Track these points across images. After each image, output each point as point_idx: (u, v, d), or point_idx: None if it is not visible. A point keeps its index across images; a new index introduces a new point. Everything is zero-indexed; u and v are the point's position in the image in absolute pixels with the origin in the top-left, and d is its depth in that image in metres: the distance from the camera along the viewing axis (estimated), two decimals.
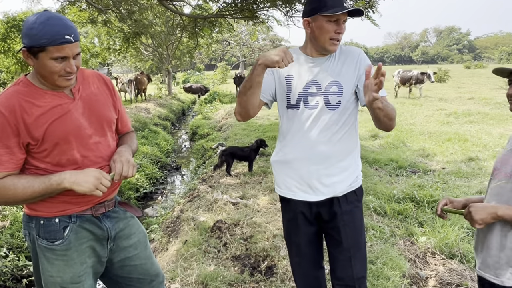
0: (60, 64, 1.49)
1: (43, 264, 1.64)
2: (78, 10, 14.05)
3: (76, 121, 1.61)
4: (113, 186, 1.78)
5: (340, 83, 1.81)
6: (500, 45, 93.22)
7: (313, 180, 1.85)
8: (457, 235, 3.50)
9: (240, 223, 3.80)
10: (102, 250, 1.76)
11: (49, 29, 1.43)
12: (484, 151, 6.75)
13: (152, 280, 1.93)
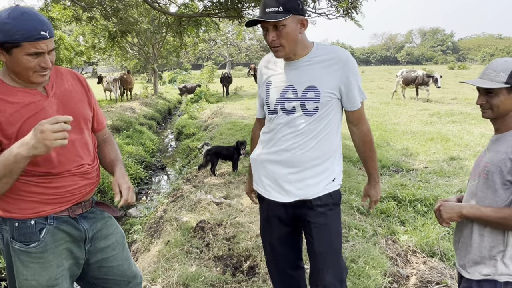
0: (35, 60, 1.45)
1: (17, 267, 1.59)
2: (62, 8, 13.85)
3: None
4: (91, 186, 1.75)
5: (318, 89, 1.76)
6: (483, 47, 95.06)
7: (285, 183, 1.85)
8: (438, 234, 3.55)
9: (223, 223, 3.79)
10: (79, 252, 1.72)
11: (24, 24, 1.40)
12: (465, 151, 6.87)
13: (129, 281, 1.90)
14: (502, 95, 1.50)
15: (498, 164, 1.49)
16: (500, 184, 1.49)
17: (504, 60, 1.52)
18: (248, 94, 19.53)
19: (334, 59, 1.78)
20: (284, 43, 1.70)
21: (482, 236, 1.55)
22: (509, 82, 1.47)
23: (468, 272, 1.60)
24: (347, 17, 5.18)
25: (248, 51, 50.48)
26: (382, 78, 31.12)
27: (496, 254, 1.52)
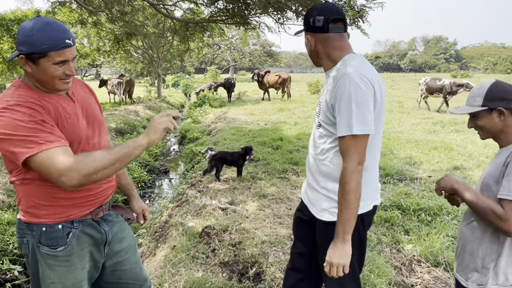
0: (60, 68, 1.50)
1: (44, 271, 1.62)
2: (68, 11, 13.96)
3: (81, 122, 1.63)
4: (111, 188, 1.79)
5: (321, 104, 1.81)
6: (486, 55, 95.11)
7: (307, 188, 1.98)
8: (442, 243, 3.56)
9: (228, 229, 3.81)
10: (98, 255, 1.76)
11: (50, 34, 1.44)
12: (469, 160, 6.88)
13: (141, 285, 1.94)
14: (484, 116, 1.64)
15: (495, 173, 1.60)
16: (497, 191, 1.57)
17: (479, 86, 1.67)
18: (252, 99, 19.58)
19: (336, 77, 1.70)
20: (309, 54, 1.87)
21: (477, 245, 1.64)
22: (485, 104, 1.61)
23: (465, 280, 1.70)
24: (354, 25, 5.24)
25: (251, 56, 50.68)
26: (385, 85, 31.12)
27: (488, 263, 1.61)
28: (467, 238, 1.70)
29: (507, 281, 1.59)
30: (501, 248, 1.58)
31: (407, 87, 28.95)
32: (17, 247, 4.45)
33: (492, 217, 1.52)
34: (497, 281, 1.59)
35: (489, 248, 1.61)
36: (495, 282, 1.60)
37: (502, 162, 1.58)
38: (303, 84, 27.67)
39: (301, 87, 26.50)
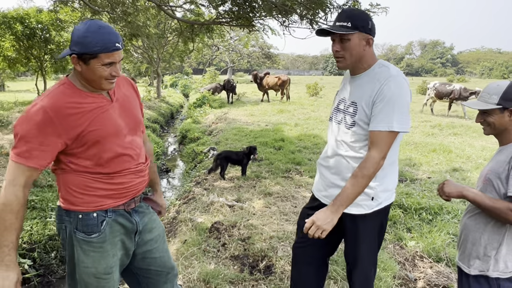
0: (108, 69, 1.61)
1: (79, 256, 1.74)
2: (71, 10, 14.03)
3: (114, 121, 1.73)
4: (143, 183, 1.91)
5: (357, 105, 1.88)
6: (482, 60, 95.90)
7: (330, 187, 2.02)
8: (443, 241, 3.70)
9: (237, 225, 3.93)
10: (130, 243, 1.87)
11: (102, 37, 1.55)
12: (467, 162, 7.04)
13: (168, 272, 2.04)
14: (496, 114, 1.76)
15: (498, 170, 1.72)
16: (501, 187, 1.71)
17: (497, 84, 1.78)
18: (251, 100, 19.70)
19: (379, 77, 1.83)
20: (346, 55, 1.86)
21: (480, 236, 1.77)
22: (500, 103, 1.72)
23: (467, 268, 1.83)
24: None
25: (250, 58, 50.82)
26: None
27: (490, 251, 1.74)
28: (470, 229, 1.83)
29: (506, 268, 1.73)
30: (502, 238, 1.72)
31: None
32: (27, 241, 4.55)
33: (510, 215, 1.62)
34: (498, 268, 1.74)
35: (491, 237, 1.74)
36: (495, 269, 1.74)
37: (506, 160, 1.70)
38: (301, 86, 27.85)
39: (299, 89, 26.67)
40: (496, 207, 1.66)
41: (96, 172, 1.71)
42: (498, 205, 1.66)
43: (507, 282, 1.75)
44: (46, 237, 4.68)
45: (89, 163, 1.69)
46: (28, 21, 14.43)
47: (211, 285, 2.89)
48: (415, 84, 33.49)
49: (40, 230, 4.72)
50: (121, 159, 1.75)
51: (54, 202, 5.51)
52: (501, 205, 1.66)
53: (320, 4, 5.32)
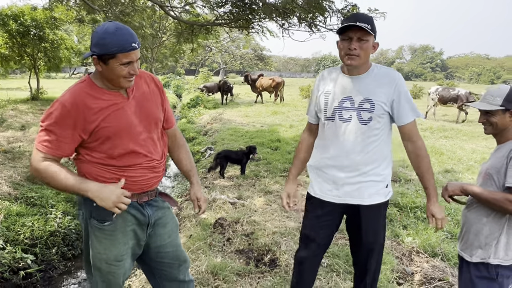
0: (126, 68, 1.70)
1: (92, 242, 1.86)
2: (66, 8, 14.00)
3: (128, 118, 1.81)
4: (157, 178, 1.99)
5: (373, 101, 2.02)
6: (471, 66, 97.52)
7: (345, 186, 2.11)
8: (438, 237, 3.86)
9: (240, 221, 4.05)
10: (142, 234, 1.97)
11: (119, 38, 1.65)
12: (459, 164, 7.26)
13: (180, 264, 2.14)
14: (498, 115, 1.92)
15: (497, 165, 1.89)
16: (501, 179, 1.86)
17: (499, 87, 1.95)
18: (244, 101, 19.82)
19: (388, 78, 2.06)
20: (362, 54, 1.99)
21: (482, 226, 1.93)
22: (503, 104, 1.89)
23: (469, 256, 1.98)
24: None
25: (242, 59, 50.95)
26: None
27: (491, 241, 1.90)
28: (472, 221, 1.99)
29: (506, 256, 1.89)
30: (502, 228, 1.88)
31: None
32: (28, 237, 4.60)
33: (507, 205, 1.78)
34: (498, 256, 1.89)
35: (492, 228, 1.90)
36: (496, 256, 1.90)
37: (504, 155, 1.86)
38: (294, 88, 28.03)
39: (291, 91, 26.86)
40: (495, 198, 1.82)
41: (108, 164, 1.81)
42: (496, 196, 1.82)
43: (506, 270, 1.90)
44: (47, 233, 4.73)
45: (102, 155, 1.80)
46: (23, 18, 14.35)
47: (219, 276, 3.01)
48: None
49: (42, 226, 4.78)
50: (132, 155, 1.84)
51: (54, 199, 5.57)
52: (499, 196, 1.81)
53: (319, 8, 5.48)
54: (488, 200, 1.85)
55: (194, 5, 7.62)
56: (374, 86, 2.05)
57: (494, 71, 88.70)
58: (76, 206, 5.59)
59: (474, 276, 1.95)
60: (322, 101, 2.17)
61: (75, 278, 4.32)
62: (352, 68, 2.07)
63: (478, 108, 1.96)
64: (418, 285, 3.15)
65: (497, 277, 1.90)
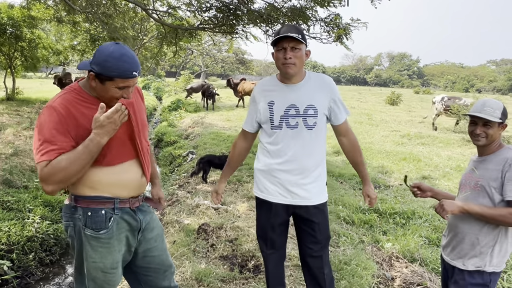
0: (120, 91, 1.73)
1: (87, 251, 1.84)
2: (44, 7, 13.71)
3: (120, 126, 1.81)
4: (146, 182, 2.03)
5: (316, 107, 2.19)
6: (446, 74, 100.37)
7: (294, 188, 2.25)
8: (416, 243, 3.98)
9: (223, 227, 4.06)
10: (133, 240, 1.98)
11: (122, 65, 1.66)
12: (435, 171, 7.47)
13: (165, 270, 2.15)
14: (495, 127, 1.98)
15: (490, 178, 1.95)
16: (495, 192, 1.93)
17: (495, 101, 2.03)
18: (226, 105, 19.81)
19: (324, 83, 2.25)
20: (297, 62, 2.12)
21: (477, 236, 1.99)
22: (500, 118, 1.96)
23: (464, 265, 2.04)
24: (339, 42, 5.67)
25: (224, 63, 50.92)
26: (353, 98, 32.31)
27: (486, 250, 1.97)
28: (466, 231, 2.03)
29: (499, 263, 1.98)
30: (497, 237, 1.96)
31: (374, 100, 30.19)
32: (5, 243, 4.49)
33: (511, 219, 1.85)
34: (492, 264, 1.98)
35: (488, 237, 1.97)
36: (491, 264, 1.98)
37: (498, 169, 1.91)
38: None
39: None
40: (501, 214, 1.87)
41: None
42: (502, 213, 1.87)
43: (497, 276, 2.00)
44: (24, 238, 4.62)
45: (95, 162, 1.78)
46: None
47: (203, 283, 3.01)
48: (384, 94, 34.68)
49: (18, 231, 4.67)
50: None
51: (31, 203, 5.44)
52: (505, 212, 1.87)
53: (303, 16, 5.57)
54: (494, 218, 1.89)
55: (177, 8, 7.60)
56: (313, 93, 2.21)
57: (468, 79, 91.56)
58: (54, 211, 5.50)
59: (468, 284, 2.01)
60: (266, 112, 2.26)
61: (53, 285, 4.24)
62: (289, 76, 2.19)
63: (483, 117, 1.95)
64: None
65: (490, 283, 1.99)
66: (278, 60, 2.15)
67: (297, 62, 2.12)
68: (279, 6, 6.07)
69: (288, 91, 2.21)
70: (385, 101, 26.79)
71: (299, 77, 2.22)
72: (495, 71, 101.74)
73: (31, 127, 10.24)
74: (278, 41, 2.12)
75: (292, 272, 3.28)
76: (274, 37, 2.15)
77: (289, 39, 2.08)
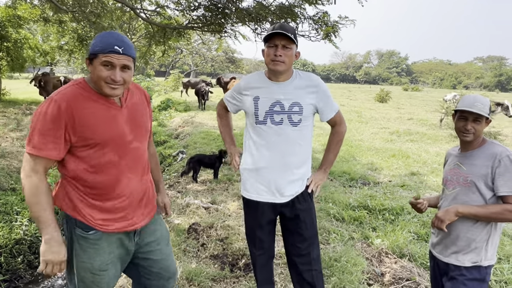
0: (107, 71, 1.68)
1: (76, 251, 1.83)
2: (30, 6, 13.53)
3: (120, 127, 1.80)
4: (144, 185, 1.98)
5: (301, 104, 2.21)
6: (434, 71, 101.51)
7: (279, 186, 2.26)
8: (405, 238, 4.02)
9: (214, 226, 4.05)
10: (128, 242, 1.93)
11: (103, 40, 1.68)
12: (424, 167, 7.56)
13: (169, 277, 2.10)
14: (483, 123, 2.01)
15: (480, 173, 1.97)
16: (485, 188, 1.96)
17: (483, 97, 2.05)
18: (216, 104, 19.71)
19: (311, 82, 2.26)
20: (286, 61, 2.13)
21: (472, 232, 2.01)
22: (488, 113, 1.99)
23: (458, 260, 2.05)
24: (327, 39, 5.69)
25: (213, 62, 50.77)
26: (342, 95, 32.50)
27: (481, 245, 2.00)
28: (459, 228, 2.04)
29: (492, 256, 2.02)
30: (490, 232, 2.00)
31: (363, 98, 30.40)
32: None
33: (508, 215, 1.88)
34: (487, 257, 2.01)
35: (481, 233, 2.00)
36: (486, 258, 2.01)
37: (488, 164, 1.94)
38: None
39: None
40: (495, 212, 1.90)
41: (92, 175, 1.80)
42: (495, 210, 1.91)
43: (491, 269, 2.04)
44: (12, 241, 4.57)
45: (87, 166, 1.76)
46: None
47: (194, 282, 3.01)
48: (373, 92, 34.91)
49: (6, 234, 4.62)
50: (119, 164, 1.83)
51: (19, 205, 5.37)
52: (499, 209, 1.90)
53: (292, 14, 5.57)
54: (488, 216, 1.93)
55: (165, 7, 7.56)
56: (300, 91, 2.23)
57: (455, 76, 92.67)
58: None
59: (466, 279, 2.02)
60: (251, 106, 2.27)
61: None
62: (277, 73, 2.20)
63: (477, 112, 1.96)
64: (387, 285, 3.27)
65: (486, 276, 2.02)
66: (268, 56, 2.15)
67: (287, 60, 2.13)
68: (267, 4, 6.07)
69: (274, 88, 2.22)
70: (375, 99, 26.99)
71: (286, 75, 2.23)
72: (482, 68, 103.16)
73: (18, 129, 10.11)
74: (270, 38, 2.13)
75: (282, 270, 3.30)
76: (267, 33, 2.15)
77: (282, 37, 2.09)
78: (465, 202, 2.02)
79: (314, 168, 2.39)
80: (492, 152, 1.96)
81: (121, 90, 1.77)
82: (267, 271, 2.53)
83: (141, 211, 1.94)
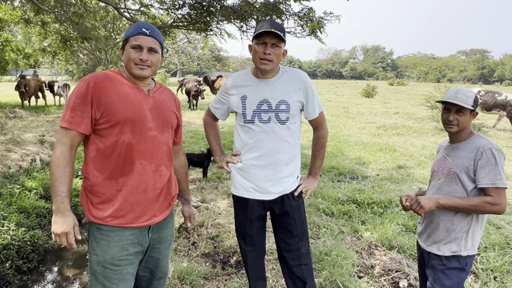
0: (136, 53, 1.82)
1: (91, 242, 1.84)
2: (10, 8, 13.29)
3: (142, 111, 1.84)
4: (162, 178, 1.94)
5: (288, 102, 2.21)
6: (418, 65, 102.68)
7: (268, 183, 2.27)
8: (394, 230, 4.08)
9: (204, 224, 4.05)
10: (143, 239, 1.90)
11: (134, 26, 1.86)
12: (410, 160, 7.66)
13: (161, 277, 2.10)
14: (467, 115, 2.04)
15: (463, 165, 2.01)
16: (467, 180, 2.00)
17: (468, 90, 2.08)
18: (203, 103, 19.70)
19: (298, 78, 2.26)
20: (274, 59, 2.13)
21: (452, 222, 2.06)
22: (472, 106, 2.02)
23: (440, 250, 2.10)
24: (313, 35, 5.71)
25: (200, 60, 50.54)
26: (329, 91, 32.70)
27: (461, 235, 2.04)
28: (440, 218, 2.10)
29: (472, 246, 2.06)
30: (470, 222, 2.04)
31: (350, 93, 30.63)
32: None
33: (487, 207, 1.92)
34: (467, 247, 2.05)
35: (462, 223, 2.04)
36: (466, 248, 2.05)
37: (471, 156, 1.98)
38: None
39: None
40: (474, 204, 1.94)
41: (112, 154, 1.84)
42: (474, 202, 1.94)
43: (471, 259, 2.07)
44: (0, 247, 4.50)
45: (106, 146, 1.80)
46: None
47: (186, 281, 3.01)
48: (360, 87, 35.22)
49: None
50: (135, 148, 1.82)
51: (5, 210, 5.29)
52: (478, 201, 1.94)
53: (277, 11, 5.58)
54: (467, 208, 1.97)
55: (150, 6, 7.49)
56: (286, 88, 2.23)
57: (439, 70, 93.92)
58: (30, 217, 5.37)
59: (445, 268, 2.07)
60: (239, 105, 2.27)
61: None
62: (265, 72, 2.20)
63: (457, 103, 2.00)
64: (377, 277, 3.32)
65: (466, 266, 2.06)
66: (257, 54, 2.14)
67: (275, 59, 2.13)
68: (252, 1, 6.07)
69: (261, 86, 2.22)
70: (361, 94, 27.22)
71: (273, 72, 2.23)
72: (465, 61, 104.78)
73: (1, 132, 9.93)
74: (260, 35, 2.12)
75: (274, 265, 3.32)
76: (257, 31, 2.14)
77: (272, 35, 2.08)
78: (448, 193, 2.06)
79: (303, 164, 2.42)
80: (476, 145, 2.00)
81: (149, 72, 1.86)
82: (259, 267, 2.54)
83: (158, 205, 1.92)
